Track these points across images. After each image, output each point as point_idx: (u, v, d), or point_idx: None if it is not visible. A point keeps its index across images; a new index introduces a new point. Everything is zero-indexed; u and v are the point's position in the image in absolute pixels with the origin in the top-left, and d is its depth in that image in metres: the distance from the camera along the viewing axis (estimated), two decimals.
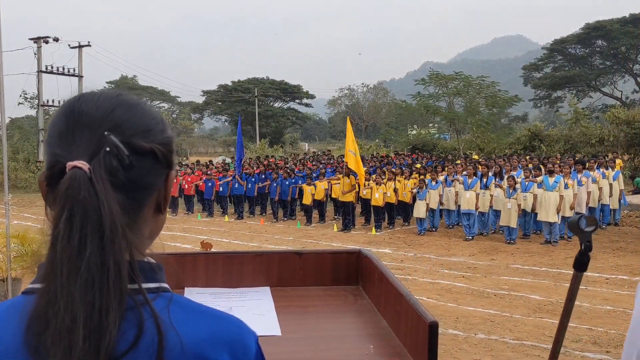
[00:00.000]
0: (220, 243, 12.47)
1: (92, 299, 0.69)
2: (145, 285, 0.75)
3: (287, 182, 16.32)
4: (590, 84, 50.52)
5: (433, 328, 1.26)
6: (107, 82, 72.39)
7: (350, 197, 14.27)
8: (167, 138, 0.85)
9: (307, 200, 15.54)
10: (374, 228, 13.99)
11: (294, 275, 1.82)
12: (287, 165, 19.57)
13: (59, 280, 0.69)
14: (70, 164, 0.74)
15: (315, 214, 15.97)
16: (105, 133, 0.77)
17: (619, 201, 13.92)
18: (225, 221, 16.44)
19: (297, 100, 62.56)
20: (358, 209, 15.39)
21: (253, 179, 17.27)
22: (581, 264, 1.18)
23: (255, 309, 1.60)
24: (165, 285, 0.81)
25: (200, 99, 65.49)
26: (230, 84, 60.45)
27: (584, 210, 12.54)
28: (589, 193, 12.63)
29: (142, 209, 0.81)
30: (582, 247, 1.17)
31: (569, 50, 51.77)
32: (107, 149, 0.76)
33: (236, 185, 17.32)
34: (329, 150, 31.65)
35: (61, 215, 0.72)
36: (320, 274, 1.82)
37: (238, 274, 1.81)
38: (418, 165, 16.69)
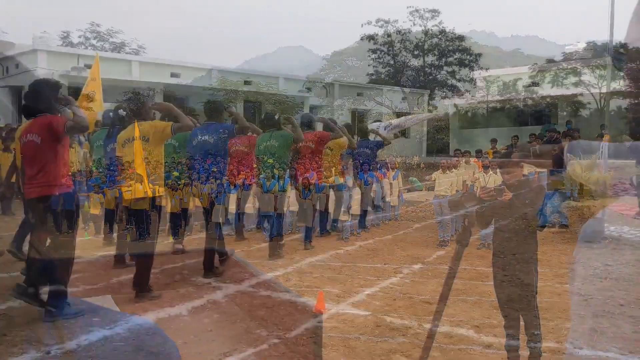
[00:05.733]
0: None
1: None
2: None
3: None
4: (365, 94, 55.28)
5: None
6: None
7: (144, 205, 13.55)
8: None
9: None
10: (171, 236, 13.44)
11: None
12: None
13: None
14: None
15: None
16: None
17: (398, 198, 15.38)
18: None
19: None
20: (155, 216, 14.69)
21: None
22: (464, 238, 1.20)
23: None
24: None
25: None
26: None
27: (370, 208, 13.62)
28: (374, 192, 13.72)
29: None
30: (465, 223, 1.19)
31: (347, 62, 56.11)
32: None
33: None
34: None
35: None
36: None
37: None
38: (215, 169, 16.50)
